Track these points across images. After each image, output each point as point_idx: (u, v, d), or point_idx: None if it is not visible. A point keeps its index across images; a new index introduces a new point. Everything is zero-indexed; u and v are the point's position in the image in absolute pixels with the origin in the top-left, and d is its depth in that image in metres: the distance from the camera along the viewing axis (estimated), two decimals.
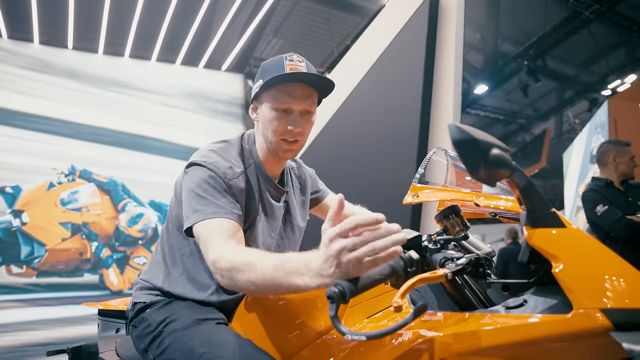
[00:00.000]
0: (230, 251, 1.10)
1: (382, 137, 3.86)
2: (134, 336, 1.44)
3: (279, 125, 1.32)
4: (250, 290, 1.03)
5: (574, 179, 7.86)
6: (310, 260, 0.89)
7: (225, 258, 1.07)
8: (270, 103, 1.32)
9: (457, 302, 1.03)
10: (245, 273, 1.01)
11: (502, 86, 10.97)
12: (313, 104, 1.35)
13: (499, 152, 0.79)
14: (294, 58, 1.32)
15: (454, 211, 1.07)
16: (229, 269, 1.05)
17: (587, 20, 8.50)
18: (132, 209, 5.95)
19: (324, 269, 0.86)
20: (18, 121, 5.50)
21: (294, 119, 1.32)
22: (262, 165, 1.42)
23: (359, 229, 0.84)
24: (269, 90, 1.33)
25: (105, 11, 5.45)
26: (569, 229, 0.87)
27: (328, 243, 0.85)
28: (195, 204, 1.24)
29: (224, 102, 6.82)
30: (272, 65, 1.33)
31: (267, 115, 1.34)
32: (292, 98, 1.31)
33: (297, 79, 1.30)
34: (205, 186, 1.26)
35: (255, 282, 0.99)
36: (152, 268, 1.52)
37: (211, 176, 1.28)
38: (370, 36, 4.61)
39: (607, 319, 0.73)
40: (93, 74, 6.04)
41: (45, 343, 5.10)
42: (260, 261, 0.99)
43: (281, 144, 1.35)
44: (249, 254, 1.06)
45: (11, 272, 5.21)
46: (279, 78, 1.28)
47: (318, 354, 1.15)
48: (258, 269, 0.98)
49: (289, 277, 0.92)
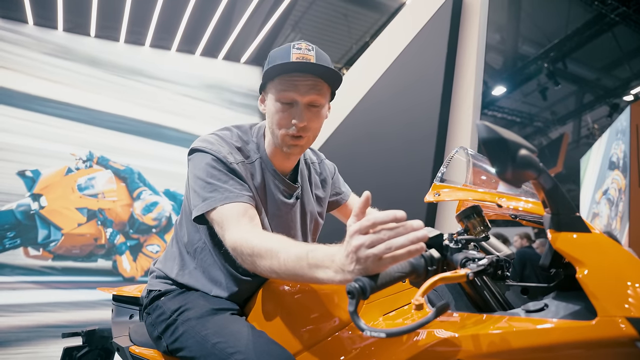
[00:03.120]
0: (250, 235, 1.08)
1: (399, 135, 3.84)
2: (148, 323, 1.45)
3: (282, 118, 1.26)
4: (271, 276, 1.03)
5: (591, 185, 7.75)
6: (335, 253, 0.88)
7: (246, 243, 1.06)
8: (275, 95, 1.26)
9: (475, 304, 1.02)
10: (266, 260, 1.00)
11: (521, 88, 10.84)
12: (321, 96, 1.25)
13: (527, 153, 0.78)
14: (302, 46, 1.22)
15: (476, 211, 1.06)
16: (251, 254, 1.04)
17: (612, 23, 8.34)
18: (147, 197, 6.00)
19: (345, 264, 0.86)
20: (40, 106, 5.57)
21: (298, 112, 1.24)
22: (269, 160, 1.37)
23: (378, 227, 0.83)
24: (273, 80, 1.26)
25: (127, 0, 5.50)
26: (594, 234, 0.85)
27: (349, 239, 0.84)
28: (204, 191, 1.22)
29: (242, 94, 6.84)
30: (278, 53, 1.25)
31: (272, 107, 1.28)
32: (296, 89, 1.22)
33: (299, 69, 1.21)
34: (211, 171, 1.23)
35: (277, 270, 0.99)
36: (167, 259, 1.52)
37: (214, 159, 1.25)
38: (391, 33, 4.58)
39: (633, 327, 0.72)
40: (114, 62, 6.09)
41: (58, 325, 5.19)
42: (282, 250, 0.98)
43: (286, 138, 1.28)
44: (271, 240, 1.04)
45: (28, 254, 5.30)
46: (281, 67, 1.20)
47: (332, 349, 1.14)
48: (281, 257, 0.97)
49: (313, 269, 0.91)
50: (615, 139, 6.66)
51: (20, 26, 5.66)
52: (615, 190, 6.17)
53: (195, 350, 1.23)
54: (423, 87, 3.67)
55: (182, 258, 1.45)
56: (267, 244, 1.02)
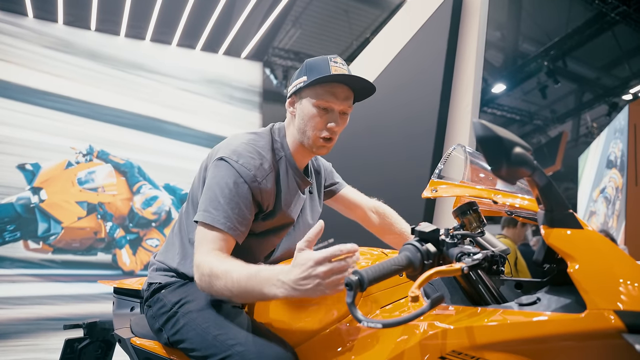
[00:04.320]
0: (213, 258, 1.21)
1: (399, 131, 3.86)
2: (149, 316, 1.47)
3: (319, 122, 1.38)
4: (225, 295, 1.15)
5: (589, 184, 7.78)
6: (280, 272, 1.05)
7: (207, 264, 1.19)
8: (313, 100, 1.37)
9: (470, 297, 1.05)
10: (221, 279, 1.14)
11: (520, 86, 10.82)
12: (350, 105, 1.42)
13: (522, 150, 0.80)
14: (338, 60, 1.38)
15: (472, 207, 1.08)
16: (209, 275, 1.17)
17: (612, 22, 8.32)
18: (147, 192, 6.02)
19: (301, 284, 1.01)
20: (40, 100, 5.58)
21: (334, 117, 1.38)
22: (292, 157, 1.46)
23: (342, 256, 0.99)
24: (314, 87, 1.37)
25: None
26: (586, 231, 0.88)
27: (314, 264, 0.99)
28: (210, 204, 1.29)
29: (242, 90, 6.84)
30: (317, 64, 1.38)
31: (309, 111, 1.38)
32: (335, 98, 1.36)
33: (343, 81, 1.37)
34: (226, 190, 1.29)
35: (231, 288, 1.12)
36: (168, 249, 1.54)
37: (236, 182, 1.31)
38: (391, 30, 4.59)
39: (620, 320, 0.75)
40: (114, 56, 6.09)
41: (58, 318, 5.22)
42: (235, 270, 1.12)
43: (318, 140, 1.40)
44: (228, 263, 1.18)
45: (28, 247, 5.33)
46: (327, 78, 1.33)
47: (330, 341, 1.17)
48: (234, 276, 1.12)
49: (261, 285, 1.07)
50: (613, 138, 6.69)
51: (20, 19, 5.65)
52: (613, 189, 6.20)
53: (196, 342, 1.26)
54: (423, 84, 3.68)
55: (183, 248, 1.48)
56: (223, 265, 1.16)
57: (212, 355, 1.20)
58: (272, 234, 1.47)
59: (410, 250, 0.96)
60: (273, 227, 1.45)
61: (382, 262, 0.92)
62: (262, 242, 1.46)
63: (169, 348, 1.42)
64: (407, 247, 0.98)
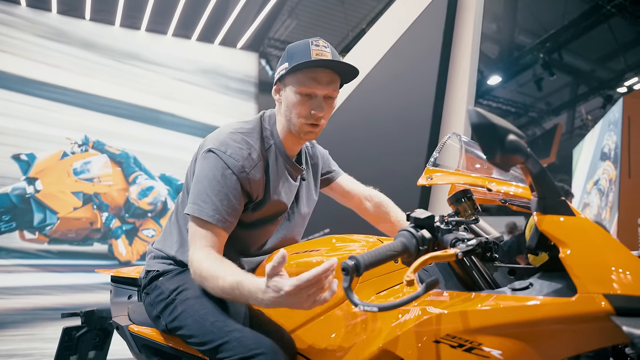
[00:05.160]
0: (204, 258, 1.23)
1: (394, 122, 3.87)
2: (147, 303, 1.48)
3: (302, 109, 1.35)
4: (216, 295, 1.21)
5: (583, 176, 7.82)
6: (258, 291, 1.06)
7: (199, 264, 1.22)
8: (295, 87, 1.34)
9: (464, 283, 1.06)
10: (210, 282, 1.19)
11: (516, 78, 10.83)
12: (336, 89, 1.38)
13: (516, 138, 0.81)
14: (320, 44, 1.34)
15: (467, 195, 1.10)
16: (200, 274, 1.21)
17: (608, 15, 8.33)
18: (143, 182, 6.01)
19: (277, 303, 1.04)
20: (34, 89, 5.55)
21: (317, 103, 1.35)
22: (282, 145, 1.44)
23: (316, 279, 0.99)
24: (295, 74, 1.34)
25: None
26: (577, 218, 0.89)
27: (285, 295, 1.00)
28: (199, 196, 1.29)
29: (238, 80, 6.82)
30: (298, 49, 1.34)
31: (292, 98, 1.36)
32: (317, 83, 1.33)
33: (323, 66, 1.33)
34: (214, 182, 1.30)
35: (218, 292, 1.17)
36: (165, 237, 1.55)
37: (224, 174, 1.30)
38: (387, 21, 4.58)
39: (609, 303, 0.77)
40: (109, 45, 6.05)
41: (55, 308, 5.23)
42: (221, 277, 1.16)
43: (304, 126, 1.37)
44: (215, 266, 1.20)
45: (24, 237, 5.33)
46: (307, 64, 1.30)
47: (327, 325, 1.19)
48: (219, 283, 1.16)
49: (244, 297, 1.11)
50: (607, 130, 6.72)
51: (12, 7, 5.59)
52: (606, 181, 6.24)
53: (194, 329, 1.27)
54: (418, 75, 3.69)
55: (181, 237, 1.48)
56: (211, 269, 1.19)
57: (210, 341, 1.21)
58: (266, 223, 1.46)
59: (405, 236, 0.98)
60: (265, 216, 1.44)
61: (378, 247, 0.94)
62: (255, 232, 1.46)
63: (167, 335, 1.43)
64: (403, 233, 0.99)
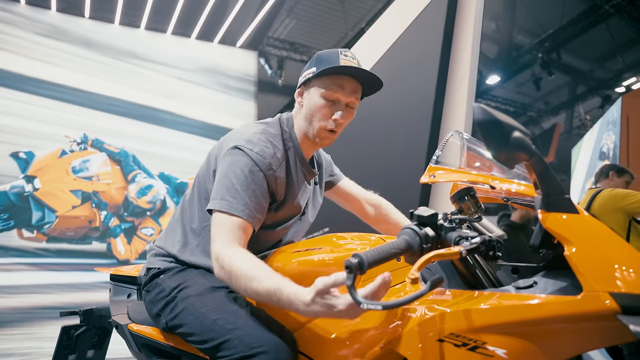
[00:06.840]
0: (234, 255, 1.18)
1: (394, 122, 3.87)
2: (147, 301, 1.47)
3: (326, 112, 1.38)
4: (240, 294, 1.17)
5: (582, 175, 7.83)
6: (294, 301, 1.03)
7: (228, 260, 1.17)
8: (320, 90, 1.37)
9: (467, 281, 1.06)
10: (240, 281, 1.13)
11: (514, 78, 10.84)
12: (358, 98, 1.42)
13: (521, 135, 0.81)
14: (348, 54, 1.37)
15: (470, 193, 1.09)
16: (229, 271, 1.16)
17: (607, 15, 8.34)
18: (142, 180, 6.00)
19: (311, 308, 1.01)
20: (33, 87, 5.53)
21: (340, 109, 1.38)
22: (299, 148, 1.47)
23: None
24: (321, 78, 1.37)
25: None
26: (582, 215, 0.89)
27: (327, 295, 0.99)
28: (227, 192, 1.28)
29: (237, 79, 6.81)
30: (327, 56, 1.38)
31: (316, 101, 1.38)
32: (342, 90, 1.36)
33: (350, 73, 1.36)
34: (242, 178, 1.29)
35: (250, 293, 1.12)
36: (168, 235, 1.54)
37: (252, 170, 1.31)
38: (387, 20, 4.58)
39: (615, 302, 0.76)
40: (108, 44, 6.04)
41: (53, 306, 5.22)
42: (256, 279, 1.11)
43: (322, 131, 1.40)
44: (250, 266, 1.15)
45: (22, 236, 5.31)
46: (335, 69, 1.33)
47: (329, 325, 1.18)
48: (254, 284, 1.11)
49: (279, 304, 1.07)
50: (606, 130, 6.73)
51: (12, 5, 5.57)
52: None
53: (194, 327, 1.26)
54: (418, 74, 3.69)
55: (184, 235, 1.48)
56: (245, 269, 1.14)
57: (211, 339, 1.21)
58: (281, 225, 1.47)
59: (409, 234, 0.97)
60: (283, 218, 1.46)
61: (381, 245, 0.93)
62: (272, 233, 1.47)
63: (167, 334, 1.43)
64: (406, 231, 0.98)
